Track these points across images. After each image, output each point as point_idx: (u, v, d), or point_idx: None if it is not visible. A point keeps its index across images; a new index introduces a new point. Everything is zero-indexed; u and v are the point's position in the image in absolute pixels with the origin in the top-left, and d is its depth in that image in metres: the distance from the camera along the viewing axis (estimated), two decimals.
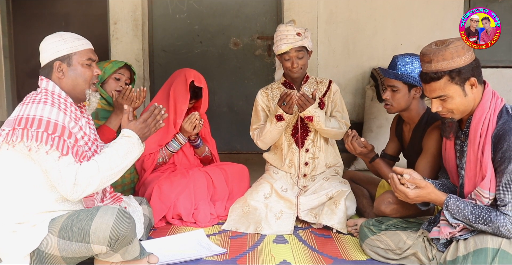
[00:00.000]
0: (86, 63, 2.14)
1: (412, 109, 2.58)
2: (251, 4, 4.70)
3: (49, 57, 2.12)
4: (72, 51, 2.12)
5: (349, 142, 2.61)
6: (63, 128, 1.97)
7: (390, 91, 2.54)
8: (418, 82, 2.46)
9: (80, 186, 1.94)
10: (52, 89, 2.10)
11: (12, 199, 1.98)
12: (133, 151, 2.10)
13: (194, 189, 2.91)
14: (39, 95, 2.06)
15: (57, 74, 2.11)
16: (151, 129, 2.17)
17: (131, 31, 4.53)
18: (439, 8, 4.48)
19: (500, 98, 1.99)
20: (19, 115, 1.96)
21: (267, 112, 3.07)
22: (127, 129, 2.13)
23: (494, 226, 1.88)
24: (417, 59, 2.49)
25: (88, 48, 2.17)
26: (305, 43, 2.87)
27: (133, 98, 2.74)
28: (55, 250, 1.93)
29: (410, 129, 2.66)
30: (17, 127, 1.92)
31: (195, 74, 3.05)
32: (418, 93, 2.54)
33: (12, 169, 1.97)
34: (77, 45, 2.13)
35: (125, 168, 2.08)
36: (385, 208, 2.42)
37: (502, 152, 1.86)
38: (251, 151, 4.69)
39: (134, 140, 2.11)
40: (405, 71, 2.48)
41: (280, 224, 2.73)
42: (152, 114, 2.18)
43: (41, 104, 1.99)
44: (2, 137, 1.95)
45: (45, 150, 1.91)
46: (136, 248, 2.04)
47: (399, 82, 2.50)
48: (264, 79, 4.67)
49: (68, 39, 2.13)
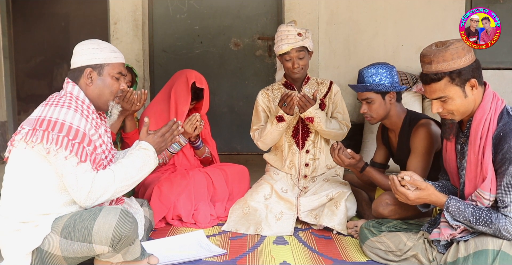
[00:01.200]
0: (116, 76, 2.17)
1: (393, 115, 2.60)
2: (251, 4, 4.70)
3: (82, 62, 2.13)
4: (105, 62, 2.14)
5: (336, 155, 2.60)
6: (84, 135, 1.98)
7: (366, 104, 2.57)
8: (389, 88, 2.50)
9: (95, 194, 1.96)
10: (77, 94, 2.10)
11: (21, 197, 1.98)
12: (149, 164, 2.13)
13: (194, 190, 2.91)
14: (63, 98, 2.07)
15: (85, 81, 2.13)
16: (168, 143, 2.22)
17: (131, 31, 4.53)
18: (440, 9, 4.49)
19: (500, 100, 1.99)
20: (41, 116, 1.97)
21: (268, 113, 3.07)
22: (145, 142, 2.16)
23: (495, 228, 1.87)
24: (381, 67, 2.53)
25: (121, 62, 2.20)
26: (306, 43, 2.87)
27: (134, 100, 2.75)
28: (57, 250, 1.92)
29: (396, 135, 2.67)
30: (38, 128, 1.93)
31: (197, 76, 3.05)
32: (393, 98, 2.56)
33: (26, 168, 1.97)
34: (112, 57, 2.16)
35: (139, 180, 2.11)
36: (383, 209, 2.42)
37: (503, 154, 1.86)
38: (251, 151, 4.69)
39: (151, 153, 2.14)
40: (374, 81, 2.51)
41: (280, 225, 2.73)
42: (170, 130, 2.21)
43: (65, 109, 2.00)
44: (21, 134, 1.95)
45: (64, 155, 1.92)
46: (138, 248, 2.04)
47: (372, 93, 2.53)
48: (265, 80, 4.67)
49: (105, 49, 2.16)
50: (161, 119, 2.99)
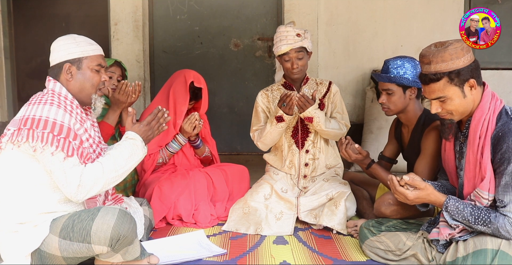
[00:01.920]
0: (95, 68, 2.16)
1: (409, 111, 2.60)
2: (251, 5, 4.71)
3: (60, 58, 2.13)
4: (83, 55, 2.13)
5: (344, 149, 2.61)
6: (69, 130, 1.98)
7: (385, 94, 2.57)
8: (412, 83, 2.50)
9: (85, 187, 1.95)
10: (59, 90, 2.11)
11: (15, 199, 1.98)
12: (137, 153, 2.12)
13: (194, 189, 2.91)
14: (45, 96, 2.07)
15: (65, 76, 2.12)
16: (155, 132, 2.20)
17: (132, 32, 4.54)
18: (439, 10, 4.50)
19: (499, 100, 1.99)
20: (25, 115, 1.97)
21: (267, 114, 3.07)
22: (131, 132, 2.15)
23: (494, 227, 1.88)
24: (407, 61, 2.53)
25: (99, 54, 2.19)
26: (304, 44, 2.88)
27: (129, 92, 2.77)
28: (56, 250, 1.93)
29: (408, 131, 2.67)
30: (23, 127, 1.93)
31: (195, 75, 3.06)
32: (414, 94, 2.57)
33: (16, 169, 1.98)
34: (89, 49, 2.15)
35: (128, 170, 2.10)
36: (385, 209, 2.43)
37: (502, 153, 1.87)
38: (251, 151, 4.70)
39: (138, 142, 2.13)
40: (398, 73, 2.52)
41: (280, 225, 2.73)
42: (156, 117, 2.20)
43: (47, 105, 2.00)
44: (7, 136, 1.96)
45: (51, 151, 1.92)
46: (137, 248, 2.04)
47: (393, 85, 2.54)
48: (265, 81, 4.68)
49: (81, 43, 2.15)
50: None
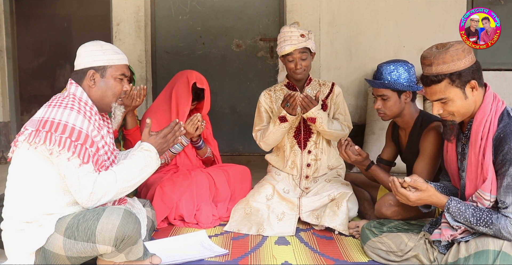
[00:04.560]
0: (119, 77, 2.17)
1: (406, 114, 2.59)
2: (253, 6, 4.71)
3: (85, 64, 2.14)
4: (108, 64, 2.14)
5: (343, 150, 2.60)
6: (86, 136, 1.99)
7: (381, 100, 2.55)
8: (406, 87, 2.48)
9: (97, 195, 1.97)
10: (80, 95, 2.11)
11: (24, 197, 1.99)
12: (151, 165, 2.13)
13: (196, 190, 2.92)
14: (66, 99, 2.07)
15: (88, 82, 2.13)
16: (170, 145, 2.22)
17: (134, 32, 4.55)
18: (441, 10, 4.50)
19: (501, 101, 1.99)
20: (44, 117, 1.98)
21: (270, 114, 3.08)
22: (147, 143, 2.16)
23: (495, 228, 1.88)
24: (401, 65, 2.50)
25: (124, 64, 2.20)
26: (308, 44, 2.89)
27: (134, 96, 2.78)
28: (61, 250, 1.94)
29: (406, 134, 2.66)
30: (41, 129, 1.94)
31: (197, 76, 3.06)
32: (409, 97, 2.55)
33: (29, 169, 1.99)
34: (114, 58, 2.16)
35: (141, 181, 2.11)
36: (386, 210, 2.43)
37: (503, 155, 1.87)
38: (253, 152, 4.70)
39: (153, 154, 2.15)
40: (392, 79, 2.49)
41: (282, 225, 2.74)
42: (173, 131, 2.22)
43: (68, 110, 2.01)
44: (24, 135, 1.96)
45: (67, 156, 1.93)
46: (140, 248, 2.05)
47: (388, 91, 2.51)
48: (267, 81, 4.68)
49: (108, 51, 2.16)
50: (163, 120, 3.00)
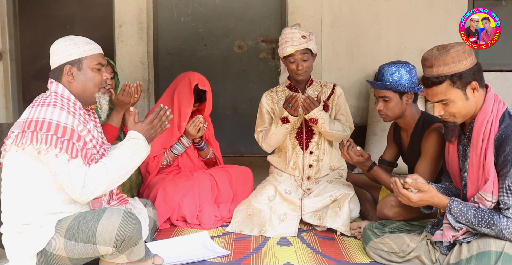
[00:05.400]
0: (96, 67, 2.17)
1: (407, 116, 2.59)
2: (255, 7, 4.72)
3: (60, 60, 2.14)
4: (82, 56, 2.14)
5: (345, 151, 2.59)
6: (72, 131, 1.99)
7: (382, 101, 2.55)
8: (408, 89, 2.48)
9: (89, 188, 1.96)
10: (61, 92, 2.12)
11: (20, 200, 2.00)
12: (140, 152, 2.12)
13: (199, 191, 2.92)
14: (48, 98, 2.08)
15: (67, 78, 2.13)
16: (157, 130, 2.20)
17: (136, 34, 4.56)
18: (442, 12, 4.50)
19: (502, 102, 2.00)
20: (28, 118, 1.98)
21: (272, 115, 3.08)
22: (133, 131, 2.15)
23: (497, 229, 1.88)
24: (402, 67, 2.50)
25: (98, 53, 2.19)
26: (310, 45, 2.89)
27: (132, 93, 2.79)
28: (62, 251, 1.95)
29: (408, 135, 2.67)
30: (27, 130, 1.94)
31: (199, 78, 3.07)
32: (410, 99, 2.55)
33: (21, 170, 1.99)
34: (87, 49, 2.16)
35: (132, 169, 2.10)
36: (388, 211, 2.43)
37: (505, 156, 1.87)
38: (255, 153, 4.71)
39: (141, 141, 2.13)
40: (393, 80, 2.49)
41: (284, 226, 2.74)
42: (158, 116, 2.20)
43: (51, 108, 2.01)
44: (12, 139, 1.97)
45: (55, 152, 1.93)
46: (142, 249, 2.05)
47: (390, 92, 2.51)
48: (268, 82, 4.68)
49: (79, 43, 2.15)
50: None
